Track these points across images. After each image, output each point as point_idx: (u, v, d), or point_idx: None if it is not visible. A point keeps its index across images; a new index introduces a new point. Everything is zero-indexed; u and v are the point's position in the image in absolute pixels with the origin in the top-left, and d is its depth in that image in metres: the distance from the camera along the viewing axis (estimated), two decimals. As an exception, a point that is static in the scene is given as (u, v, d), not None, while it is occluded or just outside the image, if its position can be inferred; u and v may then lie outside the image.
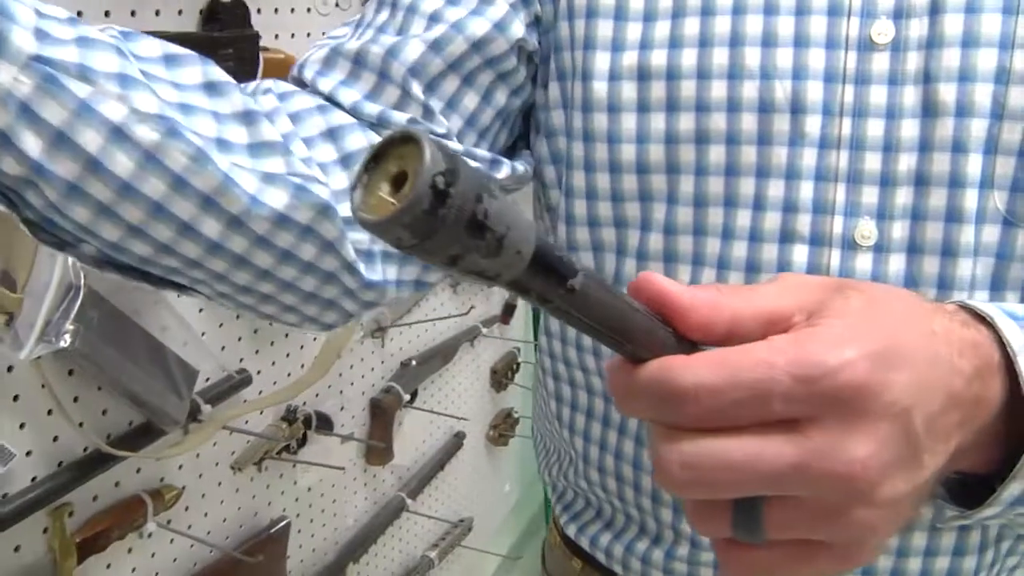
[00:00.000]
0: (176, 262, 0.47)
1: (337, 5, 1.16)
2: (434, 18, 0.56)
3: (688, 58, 0.53)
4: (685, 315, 0.32)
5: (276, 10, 1.06)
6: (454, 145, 0.57)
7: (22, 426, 0.83)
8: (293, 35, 1.10)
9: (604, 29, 0.56)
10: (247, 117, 0.48)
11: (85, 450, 0.90)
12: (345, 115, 0.55)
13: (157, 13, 0.90)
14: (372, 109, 0.55)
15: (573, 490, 0.70)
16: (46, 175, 0.40)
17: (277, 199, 0.48)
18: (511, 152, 0.64)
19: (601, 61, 0.56)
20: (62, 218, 0.43)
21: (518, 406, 1.93)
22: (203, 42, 0.91)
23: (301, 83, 0.57)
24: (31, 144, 0.39)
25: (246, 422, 1.10)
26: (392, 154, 0.25)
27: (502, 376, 1.80)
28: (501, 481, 2.00)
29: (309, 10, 1.12)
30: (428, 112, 0.56)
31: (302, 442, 1.21)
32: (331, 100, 0.55)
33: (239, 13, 0.96)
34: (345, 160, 0.53)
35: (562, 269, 0.28)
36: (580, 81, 0.57)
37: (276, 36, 1.05)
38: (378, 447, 1.33)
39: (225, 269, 0.49)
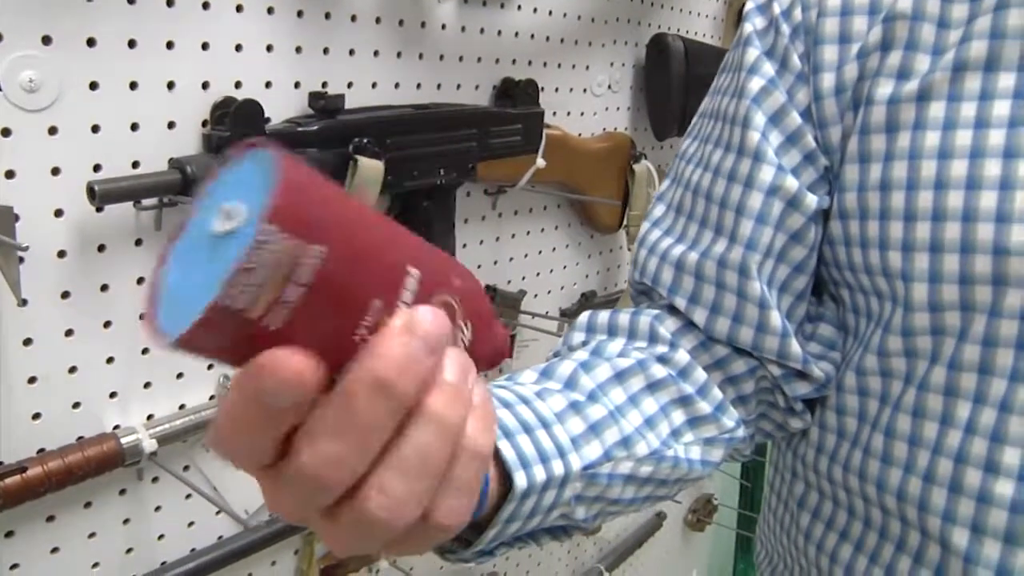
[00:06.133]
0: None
1: (609, 87, 1.20)
2: (755, 217, 0.58)
3: (987, 200, 0.51)
4: None
5: (557, 89, 1.11)
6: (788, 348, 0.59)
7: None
8: (568, 113, 1.15)
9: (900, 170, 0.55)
10: (684, 400, 0.57)
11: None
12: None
13: (458, 87, 0.97)
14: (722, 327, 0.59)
15: None
16: (579, 520, 0.52)
17: (716, 455, 0.58)
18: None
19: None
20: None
21: (719, 493, 1.88)
22: (498, 117, 0.97)
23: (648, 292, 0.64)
24: (580, 512, 0.51)
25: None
26: None
27: (708, 461, 1.76)
28: (689, 567, 1.95)
29: (585, 90, 1.16)
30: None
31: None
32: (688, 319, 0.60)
33: (531, 92, 1.01)
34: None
35: None
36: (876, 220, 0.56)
37: (554, 113, 1.11)
38: (590, 518, 1.33)
39: (635, 508, 0.57)
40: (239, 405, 0.28)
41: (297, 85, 0.80)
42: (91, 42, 0.66)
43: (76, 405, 0.71)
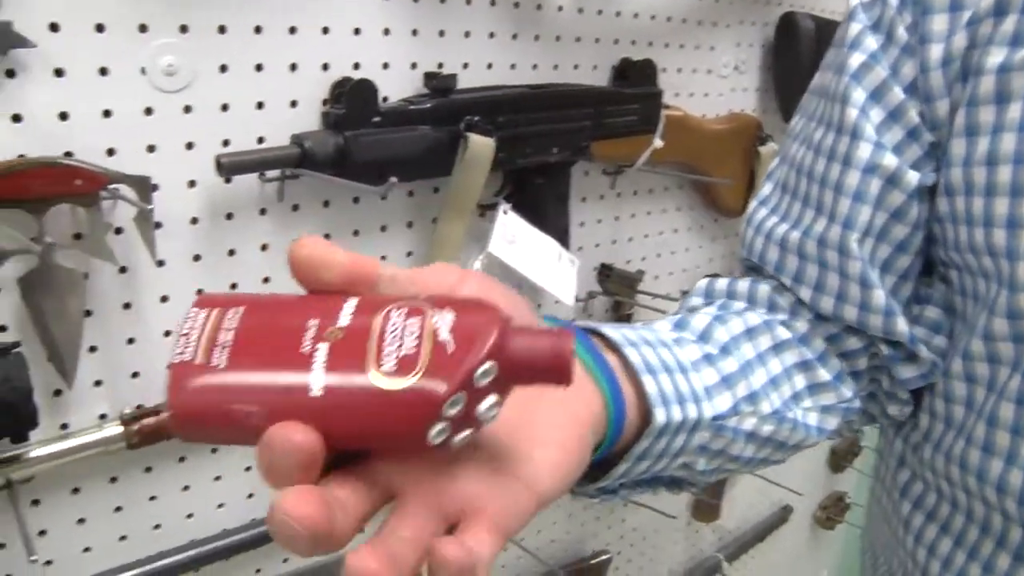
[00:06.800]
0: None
1: (736, 68, 1.19)
2: (853, 196, 0.57)
3: None
4: None
5: (679, 70, 1.11)
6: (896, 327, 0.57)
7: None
8: (692, 94, 1.14)
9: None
10: (805, 365, 0.58)
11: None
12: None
13: (576, 67, 0.99)
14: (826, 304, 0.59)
15: None
16: (700, 472, 0.54)
17: (832, 423, 0.58)
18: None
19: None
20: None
21: (852, 492, 1.82)
22: (613, 96, 0.98)
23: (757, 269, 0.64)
24: (701, 463, 0.53)
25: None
26: None
27: (842, 457, 1.70)
28: (818, 566, 1.89)
29: (710, 71, 1.15)
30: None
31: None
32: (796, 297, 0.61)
33: (648, 72, 1.02)
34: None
35: None
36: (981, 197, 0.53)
37: (676, 95, 1.11)
38: (708, 503, 1.33)
39: (748, 469, 0.58)
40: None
41: (414, 66, 0.85)
42: (222, 29, 0.72)
43: (206, 359, 0.79)
